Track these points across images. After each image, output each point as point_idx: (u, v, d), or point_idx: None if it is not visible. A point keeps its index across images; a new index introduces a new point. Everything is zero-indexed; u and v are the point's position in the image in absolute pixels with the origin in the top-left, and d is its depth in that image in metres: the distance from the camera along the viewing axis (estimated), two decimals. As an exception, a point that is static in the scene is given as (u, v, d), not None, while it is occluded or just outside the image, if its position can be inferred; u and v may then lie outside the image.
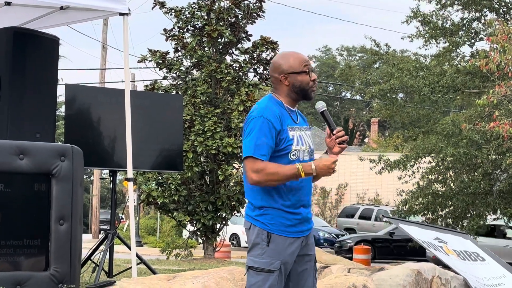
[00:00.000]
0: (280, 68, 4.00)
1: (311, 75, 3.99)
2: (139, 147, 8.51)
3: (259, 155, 3.83)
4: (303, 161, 3.95)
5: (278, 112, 3.92)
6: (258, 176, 3.82)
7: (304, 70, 3.97)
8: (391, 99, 21.72)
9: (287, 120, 3.95)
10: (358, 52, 68.14)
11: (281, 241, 3.89)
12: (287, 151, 3.91)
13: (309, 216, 4.02)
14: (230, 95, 17.61)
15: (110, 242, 8.25)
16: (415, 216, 20.86)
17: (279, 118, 3.90)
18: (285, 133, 3.91)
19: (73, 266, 5.82)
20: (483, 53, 15.07)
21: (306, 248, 4.02)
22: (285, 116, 3.94)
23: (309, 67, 3.98)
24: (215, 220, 17.13)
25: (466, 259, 8.53)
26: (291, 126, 3.95)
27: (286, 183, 3.88)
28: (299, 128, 4.00)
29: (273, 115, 3.88)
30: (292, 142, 3.92)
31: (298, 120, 4.03)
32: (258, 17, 17.85)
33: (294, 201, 3.93)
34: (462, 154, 18.21)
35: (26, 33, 6.73)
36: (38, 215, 5.75)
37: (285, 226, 3.91)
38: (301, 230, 3.97)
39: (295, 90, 3.99)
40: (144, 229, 38.02)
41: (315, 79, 3.99)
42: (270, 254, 3.88)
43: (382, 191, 37.66)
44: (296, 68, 3.98)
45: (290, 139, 3.91)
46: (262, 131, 3.85)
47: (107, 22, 36.14)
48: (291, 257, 3.92)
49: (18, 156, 5.66)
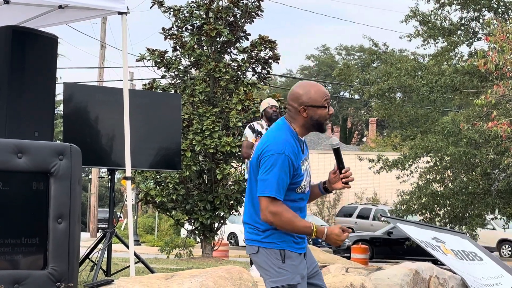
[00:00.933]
0: (301, 100, 3.91)
1: (329, 109, 3.94)
2: (137, 146, 8.52)
3: (280, 197, 3.80)
4: (307, 193, 4.00)
5: (295, 147, 3.89)
6: (274, 218, 3.80)
7: (324, 104, 3.91)
8: (390, 98, 21.73)
9: (300, 153, 3.93)
10: (357, 51, 68.23)
11: (295, 256, 3.90)
12: (296, 185, 3.90)
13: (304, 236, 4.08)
14: (229, 94, 17.61)
15: (108, 240, 8.26)
16: (413, 215, 20.89)
17: (297, 154, 3.88)
18: (299, 169, 3.90)
19: (71, 264, 5.82)
20: (482, 53, 15.08)
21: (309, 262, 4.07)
22: (299, 149, 3.92)
23: (328, 102, 3.93)
24: (213, 219, 17.13)
25: (463, 259, 8.54)
26: (302, 160, 3.94)
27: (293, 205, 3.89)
28: (306, 159, 4.00)
29: (293, 152, 3.85)
30: (303, 177, 3.93)
31: (305, 151, 4.01)
32: (256, 16, 17.84)
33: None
34: (462, 153, 18.23)
35: (25, 32, 6.74)
36: (37, 213, 5.75)
37: (294, 243, 3.93)
38: (304, 247, 4.01)
39: (312, 122, 3.93)
40: (142, 228, 38.05)
41: (332, 113, 3.96)
42: (289, 269, 3.86)
43: (380, 190, 37.71)
44: (317, 101, 3.90)
45: (302, 174, 3.92)
46: (283, 170, 3.81)
47: (105, 21, 36.15)
48: (305, 272, 3.94)
49: (17, 154, 5.66)
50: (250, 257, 4.00)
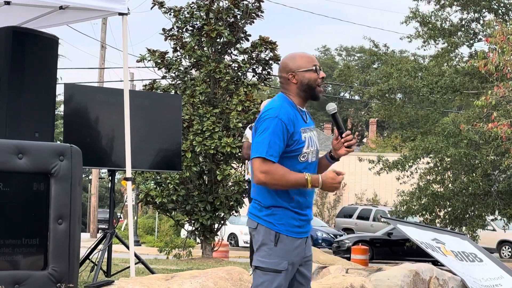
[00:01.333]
0: (288, 67, 3.99)
1: (319, 73, 3.98)
2: (137, 146, 8.52)
3: (269, 156, 3.81)
4: (312, 163, 3.97)
5: (292, 113, 3.91)
6: (265, 177, 3.82)
7: (312, 68, 3.96)
8: (390, 99, 21.74)
9: (300, 121, 3.95)
10: (357, 52, 68.26)
11: (289, 242, 3.89)
12: (297, 153, 3.90)
13: (312, 218, 4.06)
14: (229, 95, 17.62)
15: (109, 241, 8.26)
16: (413, 216, 20.88)
17: (293, 120, 3.89)
18: (298, 135, 3.90)
19: (72, 265, 5.82)
20: (482, 54, 15.10)
21: (307, 249, 4.04)
22: (297, 117, 3.94)
23: (316, 65, 3.98)
24: (213, 220, 17.13)
25: (463, 260, 8.54)
26: (303, 128, 3.94)
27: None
28: (309, 129, 4.00)
29: (288, 117, 3.88)
30: (304, 144, 3.92)
31: (308, 121, 4.03)
32: (257, 17, 17.85)
33: (302, 202, 3.94)
34: (463, 154, 18.23)
35: (25, 33, 6.74)
36: (37, 214, 5.75)
37: (293, 227, 3.91)
38: (306, 230, 3.99)
39: (303, 88, 3.97)
40: (142, 229, 38.04)
41: (324, 77, 3.99)
42: (278, 254, 3.87)
43: (380, 191, 37.70)
44: (303, 66, 3.97)
45: (302, 141, 3.91)
46: (275, 132, 3.84)
47: (106, 22, 36.16)
48: (298, 258, 3.93)
49: (17, 155, 5.66)
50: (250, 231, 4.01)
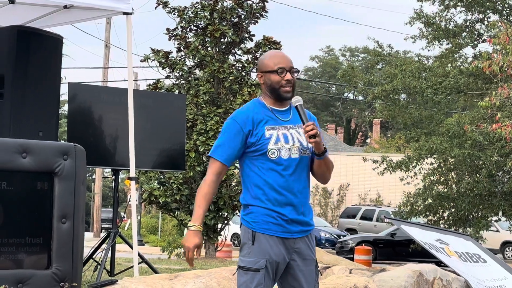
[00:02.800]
0: (258, 67, 4.03)
1: (283, 75, 3.93)
2: (141, 146, 8.52)
3: (216, 156, 3.91)
4: (293, 159, 3.92)
5: (252, 114, 3.92)
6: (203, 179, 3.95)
7: (275, 69, 3.93)
8: (394, 100, 21.71)
9: (268, 119, 3.93)
10: (361, 52, 68.23)
11: (264, 240, 3.86)
12: (263, 150, 3.89)
13: (300, 218, 3.93)
14: (233, 95, 17.62)
15: (112, 241, 8.26)
16: (417, 217, 20.85)
17: (251, 119, 3.91)
18: (261, 133, 3.90)
19: (75, 264, 5.83)
20: (486, 55, 15.07)
21: (303, 251, 3.96)
22: (263, 116, 3.93)
23: (281, 67, 3.93)
24: (216, 220, 17.13)
25: (467, 261, 8.53)
26: (271, 126, 3.92)
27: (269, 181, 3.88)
28: (286, 127, 3.95)
29: (242, 117, 3.92)
30: (269, 140, 3.89)
31: (288, 119, 3.97)
32: (261, 17, 17.85)
33: (280, 200, 3.89)
34: (467, 155, 18.20)
35: (30, 32, 6.74)
36: (41, 213, 5.76)
37: (268, 224, 3.87)
38: (289, 230, 3.91)
39: (268, 89, 3.97)
40: (145, 228, 38.04)
41: (289, 79, 3.93)
42: (255, 253, 3.86)
43: (384, 191, 37.67)
44: (268, 66, 3.96)
45: (266, 138, 3.89)
46: (227, 134, 3.91)
47: (110, 21, 36.19)
48: (278, 257, 3.88)
49: (21, 154, 5.67)
50: None
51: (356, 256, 18.71)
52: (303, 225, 3.95)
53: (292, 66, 3.97)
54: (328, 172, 4.05)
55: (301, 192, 3.96)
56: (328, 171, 4.05)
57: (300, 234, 3.94)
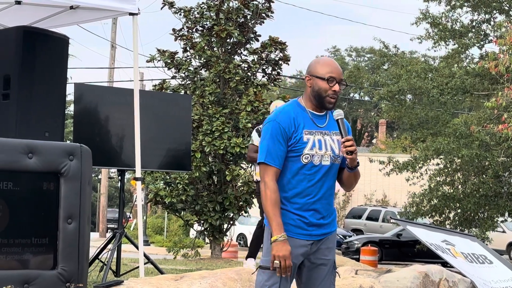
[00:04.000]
0: (309, 69, 4.07)
1: (332, 84, 3.97)
2: (147, 146, 8.52)
3: (268, 161, 3.89)
4: (320, 165, 3.95)
5: (293, 116, 3.94)
6: (262, 186, 3.91)
7: (326, 77, 3.96)
8: (400, 100, 21.68)
9: (306, 123, 3.96)
10: (367, 53, 68.12)
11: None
12: (299, 153, 3.92)
13: (321, 222, 3.98)
14: (238, 95, 17.61)
15: (118, 241, 8.26)
16: (422, 218, 20.83)
17: (295, 122, 3.92)
18: (299, 136, 3.92)
19: (81, 265, 5.83)
20: (492, 55, 15.04)
21: (320, 253, 4.01)
22: (302, 119, 3.95)
23: (332, 76, 3.97)
24: (222, 220, 17.12)
25: (473, 262, 8.51)
26: (309, 130, 3.95)
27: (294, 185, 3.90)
28: (322, 132, 3.99)
29: (287, 119, 3.93)
30: (306, 145, 3.92)
31: (324, 125, 4.02)
32: (267, 18, 17.84)
33: (301, 204, 3.92)
34: (475, 156, 18.17)
35: (36, 32, 6.74)
36: (47, 213, 5.76)
37: (287, 225, 3.90)
38: (309, 233, 3.95)
39: (313, 94, 4.00)
40: (151, 228, 38.08)
41: (336, 90, 3.97)
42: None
43: (389, 192, 37.62)
44: (320, 72, 3.99)
45: (303, 142, 3.92)
46: (273, 136, 3.91)
47: (116, 21, 36.22)
48: (296, 258, 3.91)
49: (27, 154, 5.67)
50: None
51: (362, 256, 18.70)
52: (323, 228, 4.01)
53: (342, 79, 4.02)
54: (355, 182, 4.15)
55: (326, 197, 4.01)
56: (355, 181, 4.15)
57: (320, 237, 4.00)
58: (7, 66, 6.50)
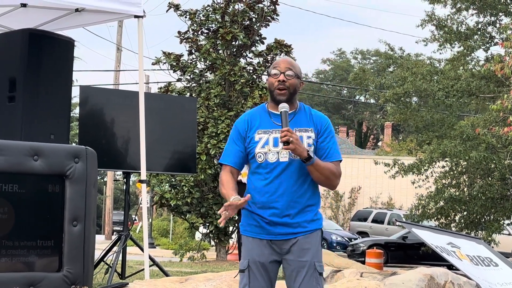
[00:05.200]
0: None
1: (276, 77, 4.01)
2: (152, 149, 8.53)
3: (224, 161, 4.01)
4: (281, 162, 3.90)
5: (249, 118, 4.04)
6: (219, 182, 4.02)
7: (272, 72, 4.04)
8: (405, 103, 21.64)
9: (262, 123, 4.00)
10: (373, 55, 68.09)
11: (247, 242, 3.95)
12: (252, 153, 3.97)
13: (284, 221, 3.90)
14: (244, 98, 17.62)
15: (123, 243, 8.27)
16: (428, 220, 20.79)
17: (247, 123, 4.01)
18: (251, 136, 3.98)
19: (86, 267, 5.83)
20: (498, 58, 15.01)
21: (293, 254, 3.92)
22: (258, 120, 4.01)
23: (277, 69, 4.02)
24: (227, 223, 17.13)
25: (479, 264, 8.49)
26: (264, 129, 3.97)
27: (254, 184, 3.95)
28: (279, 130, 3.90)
29: (241, 121, 4.05)
30: (256, 144, 3.95)
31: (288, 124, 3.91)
32: (272, 20, 17.86)
33: (262, 203, 3.91)
34: (482, 158, 18.13)
35: (42, 35, 6.76)
36: (52, 216, 5.77)
37: (250, 226, 3.97)
38: (271, 232, 3.91)
39: (269, 93, 4.12)
40: (157, 231, 38.10)
41: (280, 80, 3.99)
42: (243, 255, 4.01)
43: (395, 194, 37.57)
44: (270, 72, 4.10)
45: (255, 141, 3.96)
46: (230, 139, 4.06)
47: (122, 24, 36.27)
48: (261, 257, 3.91)
49: (33, 157, 5.68)
50: None
51: (368, 259, 18.67)
52: (289, 227, 3.92)
53: (289, 68, 4.01)
54: (326, 180, 3.95)
55: (288, 194, 3.91)
56: (326, 178, 3.95)
57: (286, 236, 3.92)
58: (12, 68, 6.52)
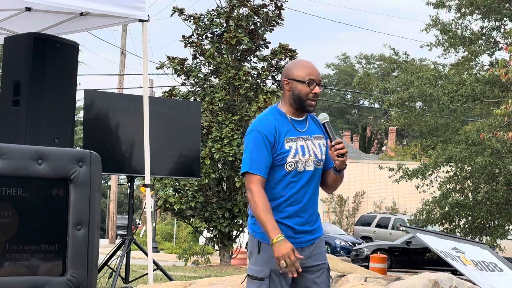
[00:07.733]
0: (286, 73, 3.94)
1: (312, 87, 3.90)
2: (156, 153, 8.53)
3: (255, 171, 3.80)
4: (304, 171, 3.90)
5: (275, 123, 3.88)
6: (248, 194, 3.82)
7: (306, 80, 3.89)
8: (410, 107, 21.64)
9: (288, 130, 3.90)
10: (377, 60, 68.12)
11: (270, 250, 3.80)
12: (282, 162, 3.86)
13: (307, 229, 3.93)
14: (248, 102, 17.62)
15: (127, 248, 8.26)
16: (432, 225, 20.76)
17: (275, 129, 3.86)
18: (281, 144, 3.86)
19: (90, 271, 5.82)
20: (503, 63, 14.99)
21: (315, 259, 3.96)
22: (283, 126, 3.89)
23: (312, 79, 3.90)
24: (231, 227, 17.12)
25: (483, 270, 8.47)
26: (290, 137, 3.89)
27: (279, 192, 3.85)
28: (303, 137, 3.92)
29: (268, 127, 3.85)
30: (288, 153, 3.87)
31: (304, 130, 3.94)
32: (277, 25, 17.86)
33: (288, 211, 3.89)
34: (488, 163, 18.10)
35: (46, 39, 6.76)
36: (56, 220, 5.76)
37: None
38: (296, 241, 3.88)
39: (293, 98, 3.91)
40: (160, 235, 38.09)
41: (316, 93, 3.90)
42: (260, 262, 3.88)
43: (399, 199, 37.52)
44: (299, 76, 3.91)
45: (286, 150, 3.86)
46: (255, 146, 3.83)
47: (126, 28, 36.32)
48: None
49: (37, 161, 5.68)
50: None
51: (372, 264, 18.64)
52: (310, 234, 3.96)
53: (321, 80, 3.96)
54: (339, 184, 4.08)
55: (310, 203, 3.95)
56: (340, 183, 4.07)
57: (307, 243, 3.95)
58: (17, 72, 6.52)
